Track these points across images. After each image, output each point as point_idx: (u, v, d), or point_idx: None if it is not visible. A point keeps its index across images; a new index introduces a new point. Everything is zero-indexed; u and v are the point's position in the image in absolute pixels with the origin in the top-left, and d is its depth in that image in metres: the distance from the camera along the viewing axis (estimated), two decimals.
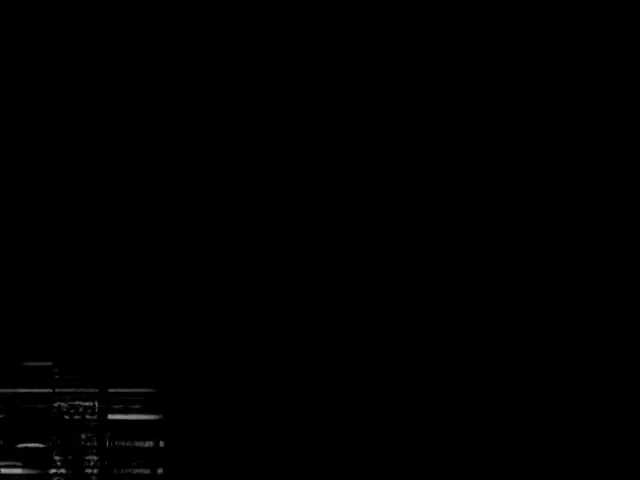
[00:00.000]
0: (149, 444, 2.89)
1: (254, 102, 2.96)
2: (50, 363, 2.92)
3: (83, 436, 2.87)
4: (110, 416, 2.89)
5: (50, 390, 2.90)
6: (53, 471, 2.85)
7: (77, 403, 2.88)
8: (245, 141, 2.98)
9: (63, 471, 2.85)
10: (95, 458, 2.86)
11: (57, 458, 2.85)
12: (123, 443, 2.88)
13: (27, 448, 2.85)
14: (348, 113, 2.96)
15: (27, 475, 2.83)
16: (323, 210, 2.93)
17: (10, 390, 2.89)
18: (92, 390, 2.89)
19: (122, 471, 2.87)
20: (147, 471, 2.87)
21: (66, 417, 2.87)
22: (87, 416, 2.88)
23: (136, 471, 2.87)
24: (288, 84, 2.95)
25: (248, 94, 2.96)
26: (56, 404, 2.88)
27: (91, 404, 2.88)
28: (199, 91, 2.96)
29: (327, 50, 2.90)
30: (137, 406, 2.90)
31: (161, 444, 2.88)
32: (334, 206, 2.95)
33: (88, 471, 2.85)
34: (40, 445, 2.85)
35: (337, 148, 2.98)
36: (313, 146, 2.98)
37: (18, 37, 2.87)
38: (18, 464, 2.84)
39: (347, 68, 2.93)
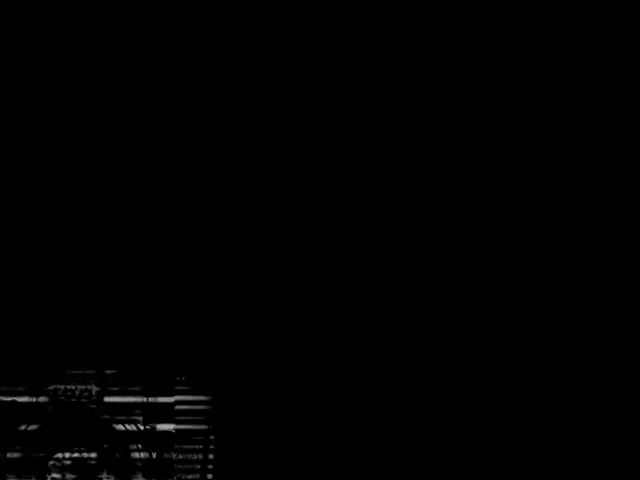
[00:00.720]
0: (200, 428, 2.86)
1: (253, 102, 2.96)
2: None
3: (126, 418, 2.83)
4: (160, 399, 2.86)
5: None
6: (98, 454, 2.81)
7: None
8: (245, 142, 2.98)
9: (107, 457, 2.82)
10: (140, 443, 2.82)
11: (104, 446, 2.82)
12: (171, 428, 2.85)
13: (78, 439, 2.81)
14: (348, 113, 2.96)
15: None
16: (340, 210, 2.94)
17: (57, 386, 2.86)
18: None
19: (170, 456, 2.83)
20: (199, 456, 2.84)
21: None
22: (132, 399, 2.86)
23: (185, 456, 2.84)
24: (288, 84, 2.95)
25: (247, 94, 2.96)
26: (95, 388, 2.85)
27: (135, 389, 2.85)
28: (198, 91, 2.96)
29: (327, 50, 2.90)
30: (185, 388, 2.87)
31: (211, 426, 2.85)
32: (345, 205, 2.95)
33: (134, 455, 2.82)
34: (87, 432, 2.81)
35: (337, 148, 2.98)
36: (313, 146, 2.98)
37: (18, 37, 2.87)
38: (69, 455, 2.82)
39: (347, 68, 2.92)
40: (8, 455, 2.82)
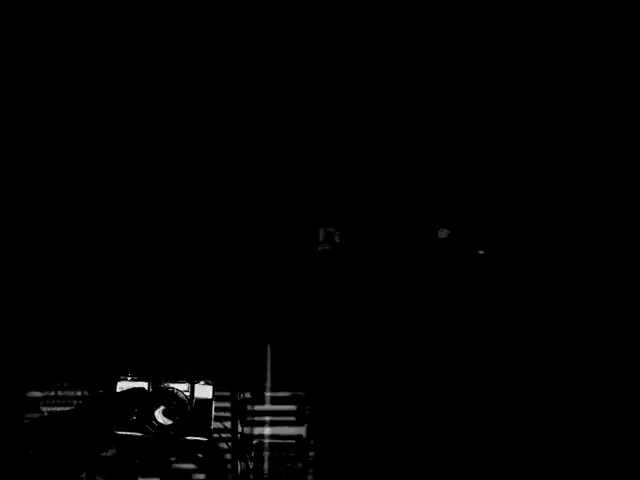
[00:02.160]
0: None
1: (254, 102, 2.97)
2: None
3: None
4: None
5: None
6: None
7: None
8: (245, 141, 2.99)
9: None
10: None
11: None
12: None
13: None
14: (348, 113, 2.97)
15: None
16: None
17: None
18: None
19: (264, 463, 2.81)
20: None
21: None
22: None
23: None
24: (288, 84, 2.95)
25: (248, 94, 2.96)
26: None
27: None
28: (199, 91, 2.96)
29: (327, 50, 2.90)
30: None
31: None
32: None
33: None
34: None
35: (336, 148, 2.99)
36: (312, 146, 2.99)
37: (18, 37, 2.86)
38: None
39: (347, 68, 2.93)
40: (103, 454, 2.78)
